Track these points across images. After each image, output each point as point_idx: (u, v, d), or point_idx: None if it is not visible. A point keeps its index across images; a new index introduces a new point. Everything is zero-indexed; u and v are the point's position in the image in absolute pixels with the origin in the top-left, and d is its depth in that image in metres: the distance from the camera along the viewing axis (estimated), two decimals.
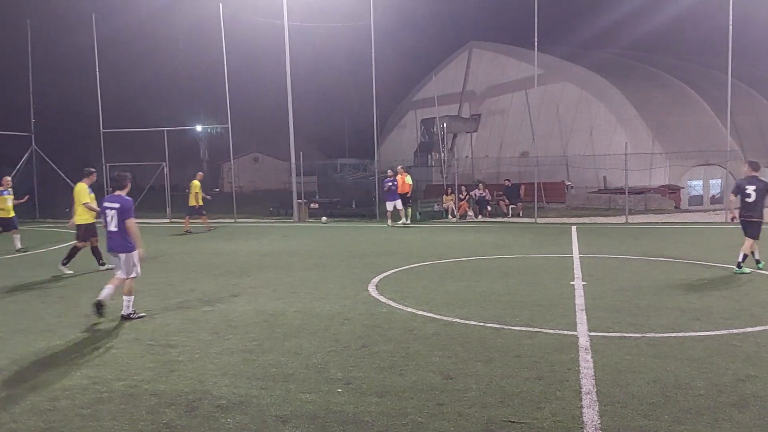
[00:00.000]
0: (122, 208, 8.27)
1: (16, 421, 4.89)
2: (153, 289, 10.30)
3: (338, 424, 4.70)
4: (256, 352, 6.56)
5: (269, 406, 5.07)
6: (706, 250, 13.92)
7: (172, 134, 28.16)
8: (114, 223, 8.28)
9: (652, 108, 30.37)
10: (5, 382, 5.81)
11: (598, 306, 8.38)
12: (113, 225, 8.29)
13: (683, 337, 6.86)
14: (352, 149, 64.46)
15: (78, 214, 12.37)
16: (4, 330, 7.76)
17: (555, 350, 6.42)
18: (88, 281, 11.27)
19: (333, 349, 6.61)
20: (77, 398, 5.34)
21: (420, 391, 5.33)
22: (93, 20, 26.33)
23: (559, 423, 4.65)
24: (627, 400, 5.06)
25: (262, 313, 8.35)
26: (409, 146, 46.33)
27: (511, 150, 37.05)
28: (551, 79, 34.32)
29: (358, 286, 10.24)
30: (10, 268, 13.06)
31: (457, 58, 46.09)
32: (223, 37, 25.71)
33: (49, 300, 9.63)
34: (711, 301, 8.64)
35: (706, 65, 35.80)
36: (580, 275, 10.84)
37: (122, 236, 8.28)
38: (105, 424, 4.79)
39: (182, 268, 12.69)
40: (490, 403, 5.05)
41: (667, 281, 10.19)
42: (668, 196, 26.74)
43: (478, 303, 8.75)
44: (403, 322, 7.72)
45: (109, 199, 8.46)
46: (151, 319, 8.15)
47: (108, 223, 8.35)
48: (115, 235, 8.32)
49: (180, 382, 5.68)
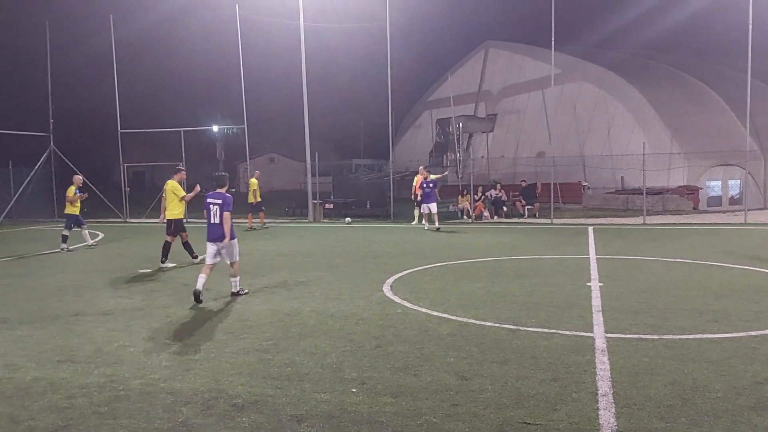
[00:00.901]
0: (224, 203, 9.45)
1: (34, 419, 4.94)
2: (169, 289, 10.38)
3: (353, 424, 4.71)
4: (271, 352, 6.58)
5: (284, 406, 5.09)
6: (724, 251, 13.76)
7: (188, 135, 28.37)
8: (217, 216, 9.45)
9: (671, 107, 30.08)
10: (23, 379, 5.88)
11: (615, 307, 8.31)
12: (216, 218, 9.46)
13: (701, 339, 6.79)
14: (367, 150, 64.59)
15: (169, 210, 12.90)
16: (22, 328, 7.85)
17: (571, 352, 6.37)
18: (98, 281, 11.38)
19: (348, 349, 6.62)
20: (94, 396, 5.39)
21: (435, 392, 5.32)
22: (111, 22, 26.60)
23: (575, 425, 4.62)
24: (644, 402, 5.01)
25: (277, 313, 8.38)
26: (424, 146, 46.25)
27: (527, 150, 36.87)
28: (568, 79, 34.11)
29: (373, 286, 10.24)
30: (27, 267, 13.23)
31: (473, 58, 45.94)
32: (239, 38, 25.86)
33: (67, 298, 9.73)
34: (729, 302, 8.54)
35: (725, 64, 35.40)
36: (597, 276, 10.76)
37: (219, 227, 9.43)
38: (122, 422, 4.83)
39: (197, 268, 12.73)
40: (506, 405, 5.02)
41: (685, 283, 10.09)
42: (686, 196, 26.47)
43: (493, 304, 8.71)
44: (417, 323, 7.71)
45: (212, 195, 9.64)
46: (166, 319, 8.22)
47: (211, 216, 9.50)
48: (217, 227, 9.46)
49: (196, 381, 5.71)
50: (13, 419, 4.94)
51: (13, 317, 8.48)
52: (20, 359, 6.52)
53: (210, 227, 9.54)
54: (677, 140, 28.51)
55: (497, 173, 35.76)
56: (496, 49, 43.75)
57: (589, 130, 33.70)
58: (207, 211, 9.62)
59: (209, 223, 9.54)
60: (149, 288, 10.48)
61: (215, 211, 9.50)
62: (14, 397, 5.43)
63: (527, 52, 39.96)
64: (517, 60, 41.20)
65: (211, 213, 9.54)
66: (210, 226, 9.54)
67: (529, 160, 33.96)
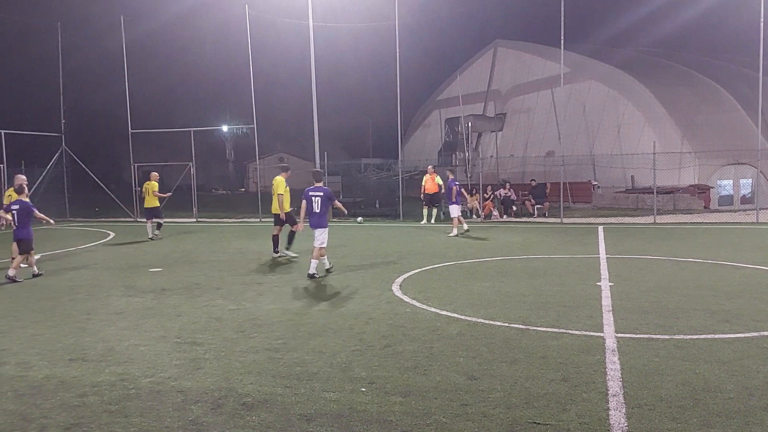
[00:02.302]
0: (326, 195, 11.19)
1: (46, 417, 4.98)
2: (179, 288, 10.43)
3: (362, 424, 4.71)
4: (281, 351, 6.60)
5: (294, 405, 5.10)
6: (735, 250, 13.67)
7: (198, 135, 28.49)
8: (318, 206, 11.06)
9: (681, 106, 29.88)
10: (35, 377, 5.93)
11: (626, 307, 8.28)
12: (317, 208, 11.06)
13: (712, 339, 6.75)
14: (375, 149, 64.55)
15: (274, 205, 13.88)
16: (35, 327, 7.92)
17: (581, 351, 6.35)
18: (110, 281, 11.44)
19: (357, 349, 6.63)
20: (105, 394, 5.42)
21: (444, 392, 5.32)
22: (122, 23, 26.72)
23: (585, 425, 4.60)
24: (655, 402, 4.99)
25: (286, 312, 8.40)
26: (433, 146, 46.18)
27: (536, 149, 36.73)
28: (577, 78, 33.95)
29: (382, 285, 10.25)
30: (41, 267, 13.31)
31: (482, 57, 45.83)
32: (249, 39, 25.92)
33: (79, 298, 9.79)
34: (741, 302, 8.48)
35: (736, 62, 35.12)
36: (607, 276, 10.72)
37: (323, 216, 11.11)
38: (132, 421, 4.85)
39: (208, 267, 12.81)
40: (515, 405, 5.01)
41: (696, 282, 10.03)
42: (697, 195, 26.30)
43: (503, 303, 8.69)
44: (427, 322, 7.71)
45: (314, 189, 11.26)
46: (177, 318, 8.25)
47: (313, 206, 11.08)
48: (317, 216, 11.07)
49: (206, 380, 5.74)
50: (26, 417, 4.98)
51: (25, 316, 8.56)
52: (32, 357, 6.57)
53: (313, 216, 11.11)
54: (688, 139, 28.32)
55: (506, 173, 35.63)
56: (505, 48, 43.62)
57: (598, 129, 33.53)
58: (309, 202, 11.16)
59: (312, 213, 11.11)
60: (160, 287, 10.53)
61: (317, 202, 11.06)
62: (27, 395, 5.47)
63: (536, 51, 39.81)
64: (526, 59, 41.05)
65: (313, 204, 11.10)
66: (313, 215, 11.11)
67: (539, 159, 33.82)
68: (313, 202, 11.13)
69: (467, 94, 42.27)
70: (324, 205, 11.13)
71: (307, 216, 11.38)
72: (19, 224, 11.85)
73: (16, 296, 10.06)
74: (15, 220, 11.87)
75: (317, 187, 11.33)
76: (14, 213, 11.90)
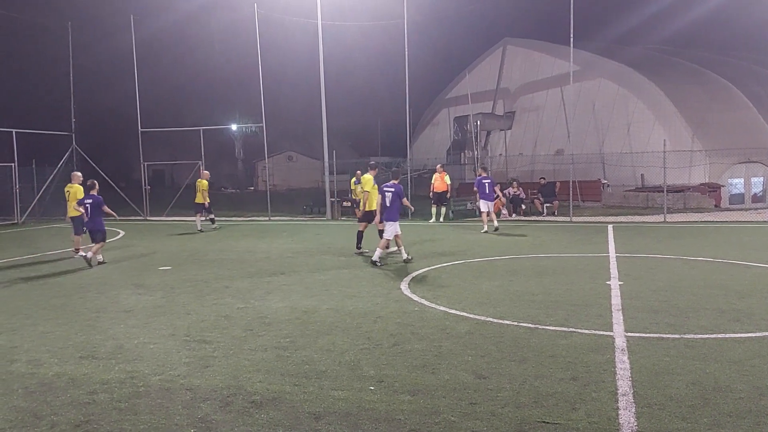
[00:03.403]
0: (397, 191, 12.39)
1: (56, 414, 5.01)
2: (188, 286, 10.46)
3: (370, 422, 4.71)
4: (289, 349, 6.61)
5: (302, 403, 5.11)
6: (747, 249, 13.57)
7: (207, 133, 28.55)
8: (389, 201, 12.34)
9: (692, 104, 29.69)
10: (46, 375, 5.96)
11: (635, 306, 8.24)
12: (389, 202, 12.34)
13: (723, 338, 6.70)
14: (384, 148, 64.49)
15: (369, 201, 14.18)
16: (45, 324, 7.97)
17: (590, 351, 6.32)
18: (120, 279, 11.50)
19: (365, 347, 6.63)
20: (115, 392, 5.45)
21: (452, 390, 5.31)
22: (132, 22, 26.84)
23: (595, 424, 4.58)
24: (665, 402, 4.96)
25: (295, 311, 8.42)
26: (441, 144, 46.12)
27: (545, 148, 36.61)
28: (587, 76, 33.78)
29: (390, 284, 10.24)
30: (52, 265, 13.41)
31: (491, 56, 45.71)
32: (258, 37, 25.97)
33: (89, 296, 9.85)
34: (752, 302, 8.42)
35: (747, 60, 34.87)
36: (617, 275, 10.67)
37: (395, 210, 12.37)
38: (142, 418, 4.88)
39: (217, 265, 12.86)
40: (524, 404, 5.00)
41: (707, 281, 9.97)
42: (708, 194, 26.13)
43: (511, 302, 8.67)
44: (435, 321, 7.70)
45: (388, 185, 12.57)
46: (186, 316, 8.28)
47: (387, 201, 12.36)
48: (389, 209, 12.35)
49: (215, 378, 5.75)
50: (36, 414, 5.01)
51: (36, 313, 8.61)
52: (43, 355, 6.61)
53: (386, 210, 12.35)
54: (698, 137, 28.14)
55: (515, 171, 35.53)
56: (514, 47, 43.48)
57: (608, 128, 33.37)
58: (382, 196, 12.44)
59: (385, 207, 12.38)
60: (169, 285, 10.58)
61: (390, 197, 12.35)
62: (37, 392, 5.51)
63: (545, 50, 39.65)
64: (535, 57, 40.90)
65: (386, 199, 12.38)
66: (386, 209, 12.35)
67: (548, 157, 33.71)
68: (385, 197, 12.41)
69: (476, 93, 42.17)
70: (394, 201, 12.37)
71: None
72: (92, 216, 13.19)
73: (27, 294, 10.13)
74: (88, 213, 13.14)
75: (392, 183, 12.60)
76: (87, 206, 13.19)
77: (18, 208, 25.68)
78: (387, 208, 12.38)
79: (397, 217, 12.41)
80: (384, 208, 12.43)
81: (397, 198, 12.38)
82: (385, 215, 12.41)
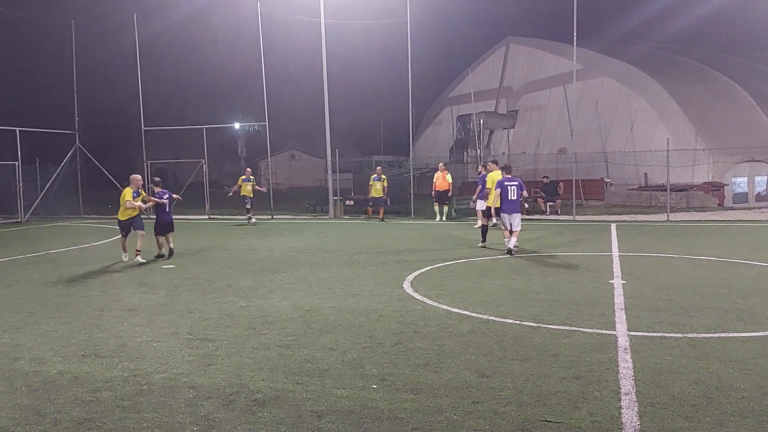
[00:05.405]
0: (519, 184, 13.18)
1: (59, 412, 5.02)
2: (191, 285, 10.48)
3: (373, 420, 4.71)
4: (292, 348, 6.61)
5: (305, 401, 5.11)
6: (750, 249, 13.54)
7: (210, 132, 28.56)
8: (513, 194, 13.01)
9: (695, 103, 29.62)
10: (49, 373, 5.98)
11: (638, 305, 8.22)
12: (513, 195, 13.02)
13: (726, 337, 6.69)
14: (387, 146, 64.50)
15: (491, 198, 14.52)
16: (49, 323, 7.98)
17: (593, 350, 6.32)
18: (123, 277, 11.52)
19: (368, 346, 6.63)
20: (118, 390, 5.46)
21: (455, 389, 5.31)
22: (135, 21, 26.85)
23: (597, 423, 4.58)
24: (667, 401, 4.95)
25: (297, 309, 8.42)
26: (444, 143, 46.11)
27: (548, 146, 36.59)
28: (590, 74, 33.74)
29: (393, 283, 10.24)
30: (55, 264, 13.43)
31: (494, 54, 45.69)
32: (261, 36, 25.96)
33: (92, 294, 9.87)
34: (755, 301, 8.40)
35: (751, 59, 34.77)
36: (620, 273, 10.65)
37: (517, 203, 13.17)
38: (145, 416, 4.88)
39: (219, 264, 12.87)
40: (527, 402, 4.99)
41: (710, 280, 9.95)
42: (711, 193, 26.08)
43: (514, 301, 8.67)
44: (438, 320, 7.70)
45: (508, 179, 13.20)
46: (189, 314, 8.29)
47: (509, 194, 13.00)
48: (513, 202, 13.07)
49: (218, 376, 5.76)
50: (39, 412, 5.02)
51: (39, 312, 8.63)
52: (46, 353, 6.63)
53: (508, 203, 13.03)
54: (702, 136, 28.08)
55: (518, 170, 35.49)
56: (517, 45, 43.45)
57: (611, 126, 33.33)
58: (504, 190, 13.03)
59: (507, 200, 13.01)
60: (172, 284, 10.59)
61: (513, 190, 13.00)
62: (40, 390, 5.52)
63: (548, 48, 39.62)
64: (538, 56, 40.88)
65: (509, 192, 13.00)
66: (508, 202, 13.03)
67: (551, 156, 33.69)
68: (509, 191, 13.01)
69: (479, 91, 42.18)
70: (518, 193, 13.07)
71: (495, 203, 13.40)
72: (170, 210, 14.18)
73: (30, 292, 10.15)
74: (168, 207, 14.08)
75: (511, 177, 13.27)
76: (167, 201, 14.11)
77: (21, 206, 25.72)
78: (511, 201, 13.03)
79: (519, 208, 13.30)
80: (507, 201, 13.04)
81: (520, 191, 13.11)
82: (509, 207, 13.03)
